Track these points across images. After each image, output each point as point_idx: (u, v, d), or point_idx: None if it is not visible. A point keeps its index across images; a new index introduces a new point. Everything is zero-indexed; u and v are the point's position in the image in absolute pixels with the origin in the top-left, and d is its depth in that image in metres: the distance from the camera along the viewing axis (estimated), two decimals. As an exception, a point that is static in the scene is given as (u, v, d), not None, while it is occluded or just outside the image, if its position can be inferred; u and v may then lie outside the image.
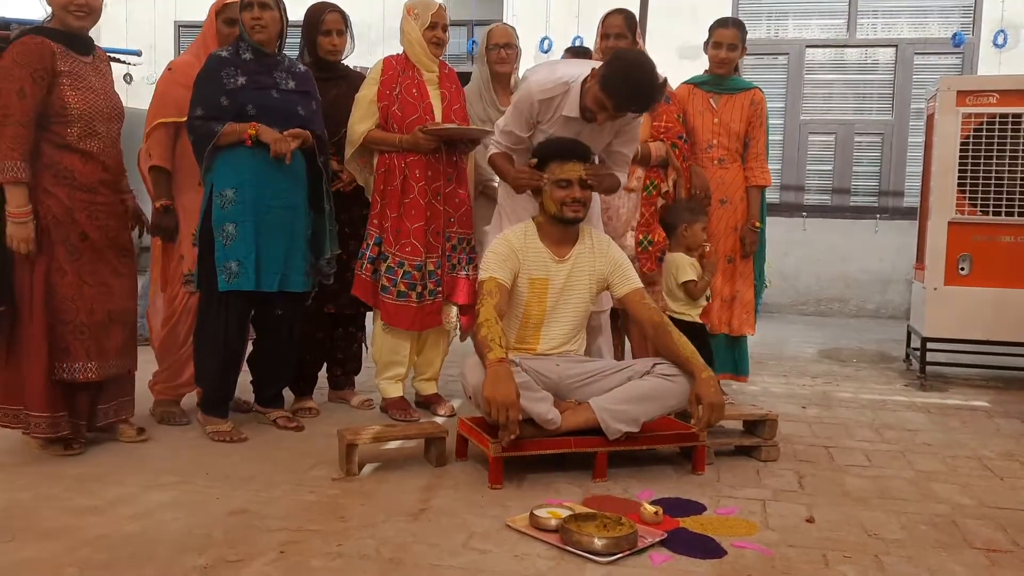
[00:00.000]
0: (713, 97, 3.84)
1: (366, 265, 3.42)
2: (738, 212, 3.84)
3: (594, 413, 2.75)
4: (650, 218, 3.59)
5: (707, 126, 3.81)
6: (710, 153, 3.80)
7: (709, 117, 3.81)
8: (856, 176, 7.65)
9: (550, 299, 2.96)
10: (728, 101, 3.82)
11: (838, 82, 7.74)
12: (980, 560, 2.18)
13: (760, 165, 3.85)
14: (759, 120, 3.83)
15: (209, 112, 3.02)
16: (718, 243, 3.82)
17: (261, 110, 3.05)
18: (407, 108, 3.38)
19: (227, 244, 3.04)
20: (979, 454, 3.18)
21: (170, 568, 2.00)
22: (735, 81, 3.87)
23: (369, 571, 2.01)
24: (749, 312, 3.89)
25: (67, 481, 2.60)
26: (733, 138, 3.81)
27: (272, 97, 3.10)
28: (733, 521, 2.41)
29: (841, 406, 3.96)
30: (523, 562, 2.09)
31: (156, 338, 3.39)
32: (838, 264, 7.56)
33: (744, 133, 3.83)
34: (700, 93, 3.85)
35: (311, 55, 3.58)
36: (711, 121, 3.81)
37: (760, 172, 3.85)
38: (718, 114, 3.81)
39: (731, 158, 3.82)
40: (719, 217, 3.81)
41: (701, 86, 3.87)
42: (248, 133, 2.99)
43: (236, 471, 2.75)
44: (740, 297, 3.86)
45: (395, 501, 2.50)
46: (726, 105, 3.82)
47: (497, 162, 3.20)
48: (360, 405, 3.70)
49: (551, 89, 3.02)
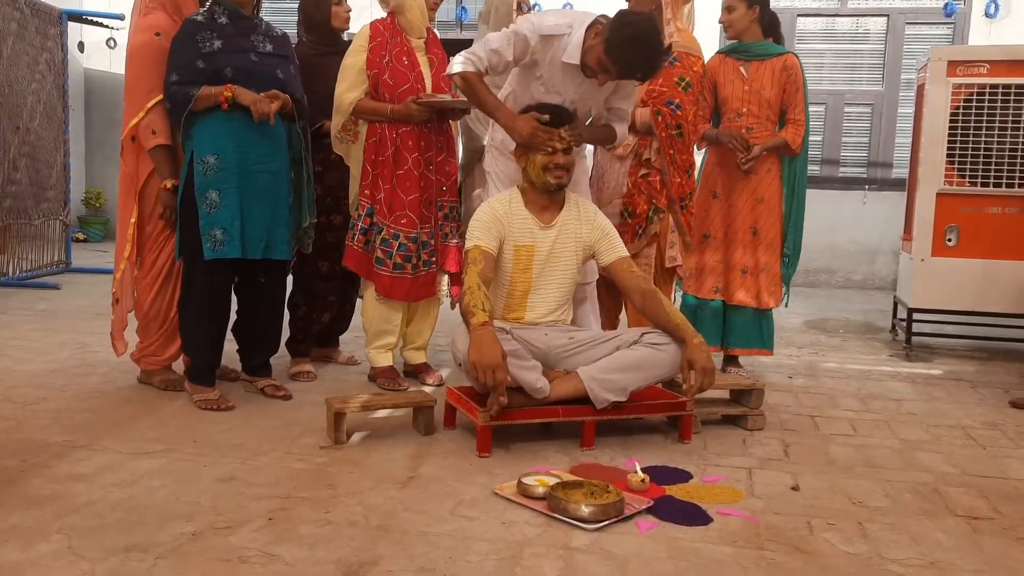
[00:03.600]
0: (743, 64, 3.74)
1: (358, 236, 3.39)
2: (763, 183, 3.75)
3: (582, 382, 2.75)
4: (632, 188, 3.47)
5: (737, 94, 3.73)
6: (738, 122, 3.72)
7: (739, 85, 3.73)
8: (845, 147, 7.65)
9: (536, 267, 2.95)
10: (759, 68, 3.72)
11: (829, 52, 7.71)
12: (962, 527, 2.21)
13: (796, 129, 3.73)
14: (795, 86, 3.71)
15: (185, 77, 2.96)
16: (738, 213, 3.76)
17: (238, 72, 2.99)
18: (399, 77, 3.33)
19: (211, 212, 3.01)
20: (963, 424, 3.21)
21: (158, 534, 2.00)
22: (765, 47, 3.75)
23: (357, 538, 2.02)
24: (776, 284, 3.80)
25: (53, 449, 2.59)
26: (764, 106, 3.71)
27: (250, 60, 3.05)
28: (719, 489, 2.43)
29: (827, 376, 3.99)
30: (510, 529, 2.10)
31: (139, 309, 3.34)
32: (826, 235, 7.58)
33: (777, 100, 3.72)
34: (731, 61, 3.77)
35: (320, 28, 3.56)
36: (741, 89, 3.73)
37: (793, 132, 3.73)
38: (748, 81, 3.72)
39: (761, 126, 3.72)
40: (742, 187, 3.75)
41: (731, 54, 3.79)
42: (224, 96, 2.94)
43: (224, 439, 2.74)
44: (767, 269, 3.77)
45: (383, 469, 2.50)
46: (756, 72, 3.72)
47: (477, 87, 2.96)
48: (346, 362, 3.82)
49: (556, 27, 2.92)
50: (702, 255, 3.80)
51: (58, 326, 4.57)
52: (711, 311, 3.79)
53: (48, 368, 3.63)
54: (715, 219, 3.79)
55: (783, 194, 3.80)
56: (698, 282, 3.81)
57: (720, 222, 3.79)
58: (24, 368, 3.62)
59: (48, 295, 5.68)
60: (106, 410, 3.04)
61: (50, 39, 6.61)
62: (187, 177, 3.04)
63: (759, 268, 3.77)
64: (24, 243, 6.36)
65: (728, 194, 3.78)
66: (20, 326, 4.56)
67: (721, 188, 3.78)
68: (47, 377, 3.47)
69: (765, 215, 3.76)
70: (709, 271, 3.80)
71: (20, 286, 5.97)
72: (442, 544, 2.00)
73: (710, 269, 3.80)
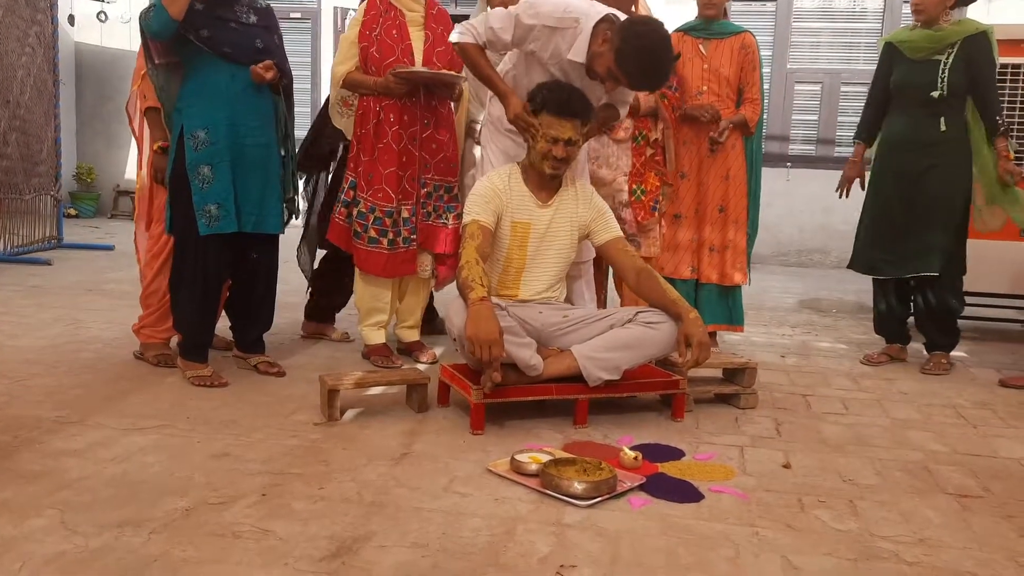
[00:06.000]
0: (702, 43, 3.76)
1: (340, 209, 3.39)
2: (729, 159, 3.78)
3: (576, 360, 2.75)
4: (641, 168, 3.56)
5: (696, 72, 3.75)
6: (700, 100, 3.73)
7: (698, 63, 3.75)
8: (841, 126, 7.63)
9: (531, 244, 2.95)
10: (718, 46, 3.75)
11: (826, 30, 7.67)
12: (952, 505, 2.22)
13: (754, 108, 3.77)
14: (752, 64, 3.75)
15: None
16: (708, 191, 3.79)
17: (215, 36, 2.96)
18: (385, 50, 3.30)
19: (204, 187, 2.99)
20: (954, 403, 3.23)
21: (152, 510, 2.00)
22: (724, 25, 3.79)
23: (351, 513, 2.02)
24: (742, 261, 3.84)
25: (45, 424, 2.59)
26: (723, 84, 3.74)
27: (230, 28, 3.01)
28: (711, 466, 2.44)
29: (819, 355, 4.00)
30: (503, 505, 2.11)
31: (143, 280, 3.35)
32: (820, 215, 7.58)
33: (736, 79, 3.75)
34: (689, 40, 3.78)
35: None
36: (700, 67, 3.75)
37: (751, 110, 3.76)
38: (707, 60, 3.74)
39: (721, 103, 3.74)
40: (710, 165, 3.77)
41: (690, 32, 3.80)
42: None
43: (217, 415, 2.74)
44: (733, 246, 3.81)
45: (377, 446, 2.51)
46: (716, 50, 3.75)
47: (478, 59, 2.96)
48: (340, 339, 3.85)
49: (561, 20, 2.86)
50: (675, 235, 3.82)
51: (50, 302, 4.55)
52: (683, 290, 3.79)
53: (40, 344, 3.62)
54: (685, 198, 3.81)
55: (747, 171, 3.84)
56: (673, 262, 3.83)
57: (691, 201, 3.82)
58: (16, 344, 3.61)
59: (39, 271, 5.65)
60: (99, 386, 3.03)
61: (40, 12, 6.52)
62: (177, 152, 3.01)
63: (725, 245, 3.82)
64: (15, 218, 6.32)
65: (697, 172, 3.81)
66: (11, 302, 4.54)
67: (689, 167, 3.80)
68: (39, 353, 3.46)
69: (732, 192, 3.81)
70: (684, 250, 3.83)
71: (11, 262, 5.94)
72: (435, 520, 2.00)
73: (684, 248, 3.83)
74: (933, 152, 3.64)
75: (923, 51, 3.62)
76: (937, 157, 3.64)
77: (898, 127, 3.74)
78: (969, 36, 3.56)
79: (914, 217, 3.69)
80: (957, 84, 3.58)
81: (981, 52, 3.57)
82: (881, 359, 3.85)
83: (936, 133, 3.62)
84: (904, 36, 3.72)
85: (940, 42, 3.59)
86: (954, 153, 3.65)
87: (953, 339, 3.82)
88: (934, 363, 3.73)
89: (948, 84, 3.57)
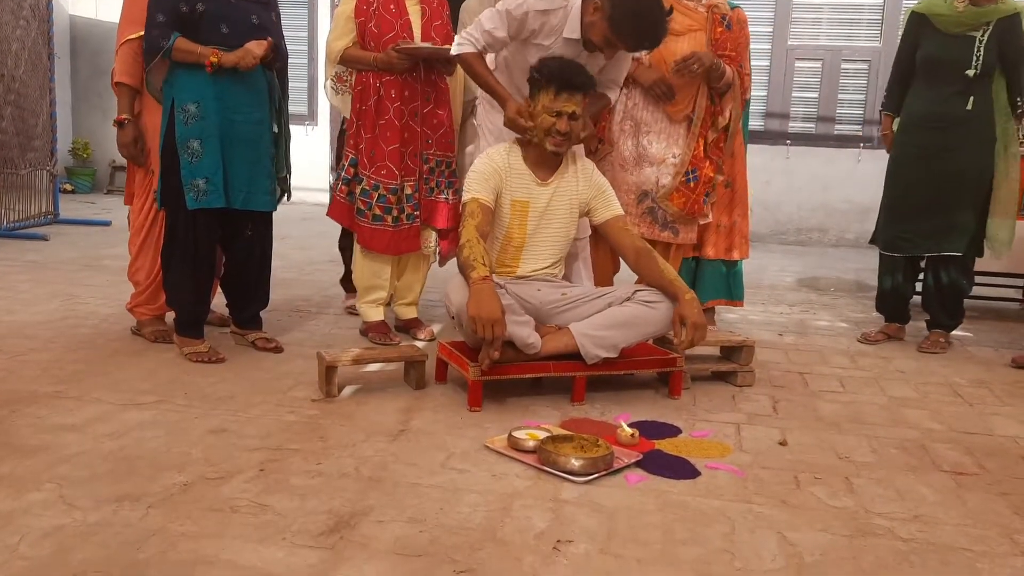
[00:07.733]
0: None
1: (341, 187, 3.37)
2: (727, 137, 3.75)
3: (574, 338, 2.75)
4: (701, 153, 3.52)
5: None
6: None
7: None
8: (841, 104, 7.59)
9: (531, 222, 2.94)
10: None
11: (826, 6, 7.61)
12: (947, 482, 2.23)
13: (742, 82, 3.72)
14: (745, 40, 3.69)
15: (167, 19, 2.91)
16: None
17: (211, 13, 2.93)
18: (383, 25, 3.27)
19: (193, 161, 2.97)
20: (951, 381, 3.24)
21: (150, 485, 2.01)
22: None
23: (349, 489, 2.03)
24: (744, 238, 3.84)
25: (43, 399, 2.59)
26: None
27: (228, 4, 2.99)
28: (707, 443, 2.45)
29: (817, 334, 4.01)
30: (500, 481, 2.11)
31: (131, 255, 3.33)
32: (819, 193, 7.56)
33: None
34: None
35: None
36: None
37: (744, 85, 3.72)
38: None
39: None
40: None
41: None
42: (210, 61, 2.91)
43: (214, 391, 2.74)
44: (738, 226, 3.80)
45: (374, 422, 2.51)
46: None
47: (476, 68, 3.01)
48: (344, 311, 3.92)
49: (551, 1, 2.89)
50: None
51: (47, 277, 4.54)
52: (683, 264, 3.79)
53: (37, 319, 3.61)
54: None
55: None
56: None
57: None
58: (13, 319, 3.60)
59: (36, 246, 5.63)
60: (96, 361, 3.03)
61: (34, -16, 6.46)
62: (168, 126, 2.99)
63: (732, 222, 3.80)
64: (11, 193, 6.29)
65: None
66: (8, 277, 4.52)
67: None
68: (36, 328, 3.46)
69: (737, 168, 3.79)
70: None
71: (8, 237, 5.92)
72: (433, 496, 2.01)
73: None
74: (959, 131, 3.61)
75: (962, 26, 3.57)
76: (963, 136, 3.61)
77: (923, 103, 3.70)
78: (1005, 16, 3.53)
79: (939, 195, 3.66)
80: (990, 63, 3.55)
81: (1014, 32, 3.55)
82: (879, 338, 3.86)
83: (963, 111, 3.59)
84: (941, 9, 3.64)
85: (980, 19, 3.54)
86: (980, 132, 3.63)
87: (957, 320, 3.82)
88: (932, 341, 3.74)
89: (983, 62, 3.54)
